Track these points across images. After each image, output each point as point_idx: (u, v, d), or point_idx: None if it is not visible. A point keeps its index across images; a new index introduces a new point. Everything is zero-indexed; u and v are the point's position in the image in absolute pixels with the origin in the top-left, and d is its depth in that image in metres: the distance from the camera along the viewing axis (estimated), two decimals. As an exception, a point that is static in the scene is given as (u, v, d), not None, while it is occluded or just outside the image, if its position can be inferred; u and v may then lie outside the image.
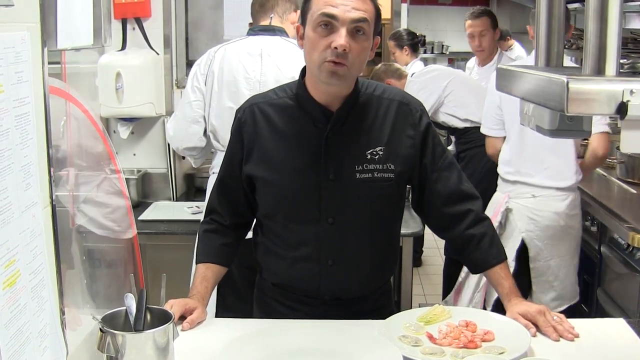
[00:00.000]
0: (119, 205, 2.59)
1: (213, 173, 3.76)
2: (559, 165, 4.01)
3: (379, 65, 6.08)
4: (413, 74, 6.01)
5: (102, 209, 2.49)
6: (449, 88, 5.61)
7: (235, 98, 3.63)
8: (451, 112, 5.62)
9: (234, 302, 2.84)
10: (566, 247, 4.04)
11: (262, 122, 2.49)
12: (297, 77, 2.52)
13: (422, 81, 5.72)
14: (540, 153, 3.99)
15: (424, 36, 7.41)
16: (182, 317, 2.37)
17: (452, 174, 2.55)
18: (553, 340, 2.28)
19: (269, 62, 3.69)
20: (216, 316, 3.35)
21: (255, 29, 3.85)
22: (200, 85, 3.80)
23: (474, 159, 5.42)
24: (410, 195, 2.64)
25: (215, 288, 2.65)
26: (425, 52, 12.67)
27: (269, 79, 3.65)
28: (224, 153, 3.59)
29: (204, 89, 3.79)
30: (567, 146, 3.97)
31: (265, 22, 3.85)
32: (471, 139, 5.50)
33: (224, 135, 3.62)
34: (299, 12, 3.77)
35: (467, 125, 5.55)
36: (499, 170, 4.23)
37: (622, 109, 1.52)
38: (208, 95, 3.77)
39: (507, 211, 4.11)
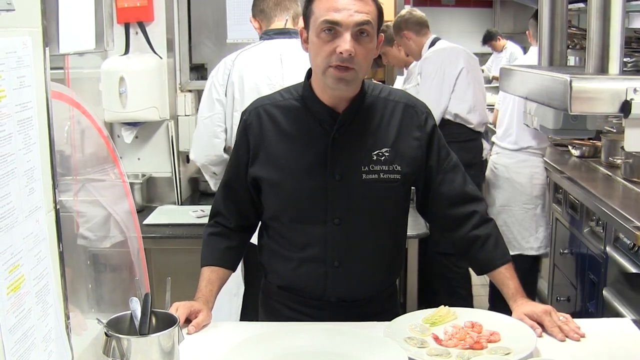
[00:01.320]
0: (123, 210, 2.59)
1: None
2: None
3: (402, 11, 5.90)
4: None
5: (106, 213, 2.49)
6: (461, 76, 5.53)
7: None
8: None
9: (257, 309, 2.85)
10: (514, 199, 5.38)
11: (268, 124, 2.49)
12: None
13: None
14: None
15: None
16: (188, 320, 2.36)
17: (457, 176, 2.55)
18: (559, 341, 2.28)
19: (289, 67, 3.64)
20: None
21: (270, 33, 3.78)
22: (220, 97, 3.73)
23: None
24: (415, 197, 2.63)
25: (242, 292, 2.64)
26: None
27: (290, 83, 3.57)
28: None
29: (225, 100, 3.72)
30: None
31: (279, 24, 3.79)
32: (447, 133, 5.48)
33: None
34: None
35: (449, 117, 5.43)
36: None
37: (625, 107, 1.52)
38: (230, 105, 3.70)
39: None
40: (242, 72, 3.68)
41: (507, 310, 2.45)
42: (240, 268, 3.43)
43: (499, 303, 2.66)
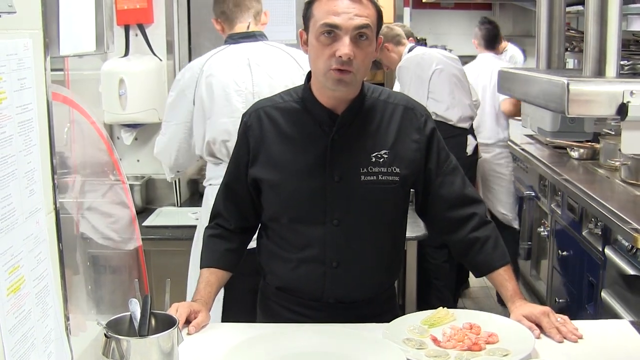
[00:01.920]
0: (123, 212, 2.60)
1: (209, 185, 3.69)
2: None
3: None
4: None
5: (106, 215, 2.50)
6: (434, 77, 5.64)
7: (228, 112, 3.54)
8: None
9: (238, 312, 2.83)
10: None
11: (268, 126, 2.50)
12: (289, 84, 2.49)
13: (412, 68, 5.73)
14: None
15: (425, 39, 7.41)
16: (187, 321, 2.37)
17: (456, 179, 2.56)
18: (557, 342, 2.28)
19: (259, 72, 3.60)
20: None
21: (235, 37, 3.70)
22: (189, 103, 3.66)
23: None
24: (414, 199, 2.64)
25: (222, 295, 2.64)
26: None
27: (262, 89, 3.54)
28: (217, 165, 3.58)
29: (192, 107, 3.65)
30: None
31: (242, 27, 3.71)
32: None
33: (220, 149, 3.58)
34: (268, 12, 3.74)
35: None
36: None
37: (622, 110, 1.53)
38: (199, 112, 3.63)
39: None
40: (210, 78, 3.60)
41: None
42: None
43: None
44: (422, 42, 6.99)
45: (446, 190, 2.54)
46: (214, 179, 3.64)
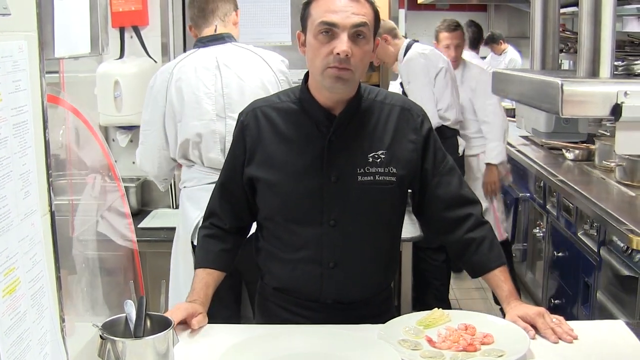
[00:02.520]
0: (118, 214, 2.60)
1: (184, 187, 3.70)
2: None
3: None
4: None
5: (102, 217, 2.50)
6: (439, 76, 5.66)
7: (198, 115, 3.55)
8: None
9: (217, 309, 2.83)
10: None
11: (265, 126, 2.50)
12: (259, 85, 2.48)
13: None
14: None
15: (417, 40, 7.48)
16: (183, 322, 2.37)
17: (453, 179, 2.56)
18: (552, 343, 2.29)
19: (228, 73, 3.59)
20: None
21: (204, 40, 3.71)
22: (160, 107, 3.66)
23: None
24: (411, 199, 2.64)
25: None
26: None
27: (232, 90, 3.56)
28: (190, 168, 3.60)
29: (164, 110, 3.65)
30: None
31: (209, 31, 3.72)
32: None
33: (192, 151, 3.58)
34: (239, 11, 3.74)
35: None
36: None
37: (616, 110, 1.53)
38: (170, 116, 3.64)
39: None
40: (179, 82, 3.60)
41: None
42: (193, 273, 3.44)
43: None
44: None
45: (443, 190, 2.54)
46: (188, 181, 3.68)
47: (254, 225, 2.69)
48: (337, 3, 2.31)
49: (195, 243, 3.38)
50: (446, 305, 5.94)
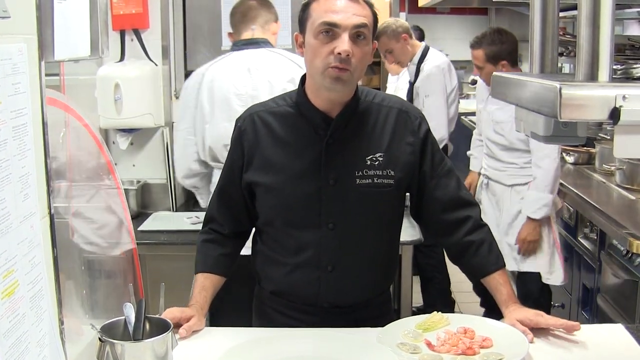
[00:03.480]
0: (117, 216, 2.60)
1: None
2: None
3: (390, 20, 5.90)
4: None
5: (101, 220, 2.50)
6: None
7: (228, 117, 3.60)
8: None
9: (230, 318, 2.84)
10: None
11: (263, 130, 2.50)
12: (287, 89, 2.51)
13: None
14: None
15: (423, 30, 7.48)
16: (178, 326, 2.37)
17: (451, 181, 2.56)
18: (554, 339, 2.30)
19: (258, 76, 3.67)
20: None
21: (239, 44, 3.81)
22: (191, 108, 3.78)
23: None
24: (409, 202, 2.64)
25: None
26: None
27: (260, 93, 3.61)
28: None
29: (194, 112, 3.77)
30: None
31: (247, 35, 3.81)
32: None
33: (222, 152, 3.61)
34: (279, 22, 3.81)
35: None
36: None
37: (615, 114, 1.53)
38: (200, 117, 3.74)
39: None
40: (211, 83, 3.71)
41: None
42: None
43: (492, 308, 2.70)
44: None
45: (441, 192, 2.54)
46: None
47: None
48: (338, 4, 2.32)
49: None
50: (449, 297, 6.14)
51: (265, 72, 3.66)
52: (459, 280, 6.56)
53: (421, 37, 7.58)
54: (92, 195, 2.48)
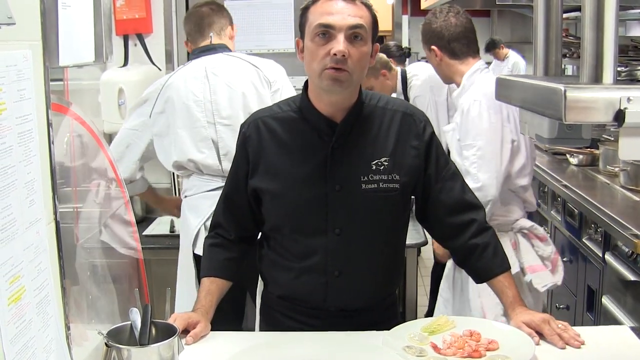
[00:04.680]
0: (122, 221, 2.60)
1: (185, 197, 3.77)
2: None
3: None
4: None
5: (106, 224, 2.50)
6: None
7: (189, 123, 3.63)
8: None
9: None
10: None
11: (267, 136, 2.50)
12: (247, 91, 2.49)
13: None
14: None
15: (409, 48, 7.40)
16: (186, 331, 2.37)
17: (456, 184, 2.56)
18: (559, 349, 2.28)
19: (216, 81, 3.66)
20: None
21: (196, 52, 3.80)
22: (145, 115, 3.76)
23: None
24: (414, 205, 2.64)
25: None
26: (426, 62, 12.69)
27: (219, 97, 3.64)
28: (189, 177, 3.64)
29: (147, 120, 3.75)
30: None
31: (205, 43, 3.81)
32: None
33: (184, 161, 3.65)
34: (235, 26, 3.81)
35: None
36: None
37: (619, 116, 1.54)
38: (149, 126, 3.74)
39: None
40: (170, 94, 3.69)
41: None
42: (194, 283, 3.46)
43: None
44: (406, 49, 6.90)
45: (446, 195, 2.54)
46: (188, 190, 3.75)
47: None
48: (334, 6, 2.33)
49: (196, 252, 3.42)
50: None
51: (224, 76, 3.66)
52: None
53: (407, 54, 7.48)
54: (97, 201, 2.48)
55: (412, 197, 2.59)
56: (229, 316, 2.97)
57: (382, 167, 2.44)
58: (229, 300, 2.68)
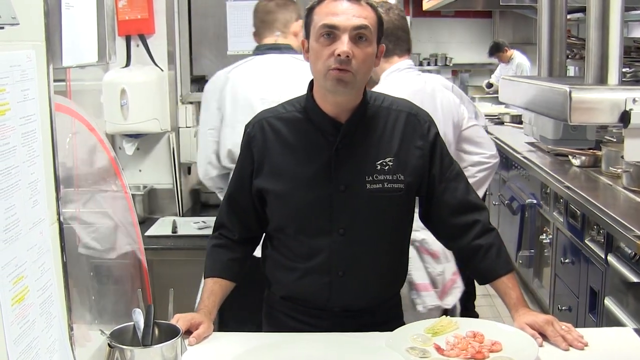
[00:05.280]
0: (125, 221, 2.60)
1: None
2: None
3: None
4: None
5: (109, 225, 2.50)
6: None
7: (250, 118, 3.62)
8: None
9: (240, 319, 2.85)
10: None
11: (272, 136, 2.50)
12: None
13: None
14: None
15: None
16: (188, 332, 2.36)
17: (460, 185, 2.56)
18: (563, 350, 2.28)
19: (281, 82, 3.63)
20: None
21: (262, 48, 3.80)
22: (213, 110, 3.75)
23: None
24: (418, 206, 2.64)
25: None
26: (428, 64, 12.72)
27: (283, 99, 3.60)
28: None
29: (217, 113, 3.74)
30: None
31: (270, 40, 3.80)
32: None
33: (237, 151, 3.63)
34: (301, 21, 3.80)
35: None
36: None
37: (625, 117, 1.53)
38: (219, 119, 3.72)
39: None
40: (235, 87, 3.69)
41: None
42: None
43: None
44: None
45: (449, 196, 2.54)
46: None
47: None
48: (339, 6, 2.32)
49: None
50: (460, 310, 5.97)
51: (289, 78, 3.63)
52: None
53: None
54: (100, 201, 2.48)
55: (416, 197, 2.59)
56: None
57: (386, 167, 2.43)
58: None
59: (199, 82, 4.87)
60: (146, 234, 4.21)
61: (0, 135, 1.44)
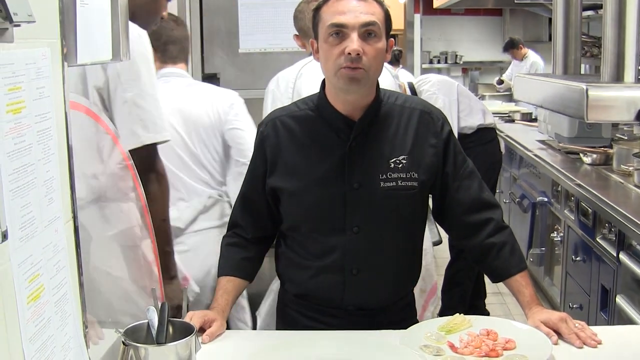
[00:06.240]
0: (139, 220, 2.60)
1: None
2: None
3: None
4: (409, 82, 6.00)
5: (124, 223, 2.50)
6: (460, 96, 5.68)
7: None
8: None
9: None
10: None
11: (285, 135, 2.50)
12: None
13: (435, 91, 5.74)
14: None
15: (400, 50, 7.34)
16: (202, 330, 2.37)
17: (473, 183, 2.56)
18: (577, 348, 2.28)
19: None
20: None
21: None
22: (280, 101, 3.66)
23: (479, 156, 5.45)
24: (431, 204, 2.64)
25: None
26: (439, 62, 12.71)
27: None
28: None
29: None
30: None
31: None
32: (474, 138, 5.62)
33: None
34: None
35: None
36: None
37: (641, 115, 1.53)
38: None
39: None
40: (309, 84, 3.60)
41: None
42: None
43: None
44: (397, 51, 6.86)
45: (463, 194, 2.54)
46: None
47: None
48: (346, 5, 2.33)
49: None
50: (466, 307, 5.98)
51: None
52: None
53: (397, 57, 7.39)
54: (116, 202, 2.48)
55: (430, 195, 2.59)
56: None
57: (400, 165, 2.43)
58: None
59: (210, 79, 4.86)
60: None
61: (16, 133, 1.44)
